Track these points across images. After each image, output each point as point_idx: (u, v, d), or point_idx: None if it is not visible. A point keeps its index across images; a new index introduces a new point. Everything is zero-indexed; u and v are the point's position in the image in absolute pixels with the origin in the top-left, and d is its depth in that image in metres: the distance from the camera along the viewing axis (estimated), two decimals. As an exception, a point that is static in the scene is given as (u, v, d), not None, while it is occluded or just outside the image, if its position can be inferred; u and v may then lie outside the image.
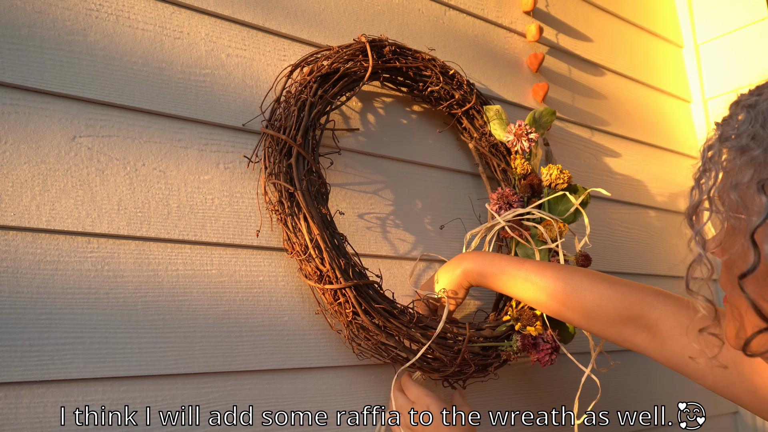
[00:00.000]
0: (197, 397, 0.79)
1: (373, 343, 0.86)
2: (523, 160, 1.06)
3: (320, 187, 0.87)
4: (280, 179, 0.85)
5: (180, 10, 0.87)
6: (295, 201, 0.84)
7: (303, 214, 0.83)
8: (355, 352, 0.89)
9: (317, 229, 0.82)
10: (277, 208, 0.85)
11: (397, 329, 0.85)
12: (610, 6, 1.55)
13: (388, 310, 0.85)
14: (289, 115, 0.87)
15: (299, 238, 0.84)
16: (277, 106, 0.90)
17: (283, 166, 0.85)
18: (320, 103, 0.89)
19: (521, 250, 1.02)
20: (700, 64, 1.70)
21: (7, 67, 0.72)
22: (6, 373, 0.67)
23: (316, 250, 0.82)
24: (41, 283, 0.71)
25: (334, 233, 0.85)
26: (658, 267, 1.45)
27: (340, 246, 0.84)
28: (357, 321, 0.85)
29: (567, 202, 1.04)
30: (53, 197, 0.73)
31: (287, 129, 0.86)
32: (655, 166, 1.54)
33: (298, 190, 0.83)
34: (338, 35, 1.02)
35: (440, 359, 0.88)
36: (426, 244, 1.04)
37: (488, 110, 1.10)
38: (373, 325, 0.84)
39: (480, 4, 1.25)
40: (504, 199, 1.03)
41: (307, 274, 0.85)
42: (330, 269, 0.82)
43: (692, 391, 1.45)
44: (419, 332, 0.86)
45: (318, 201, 0.85)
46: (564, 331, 0.98)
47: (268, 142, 0.87)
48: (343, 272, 0.82)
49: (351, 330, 0.86)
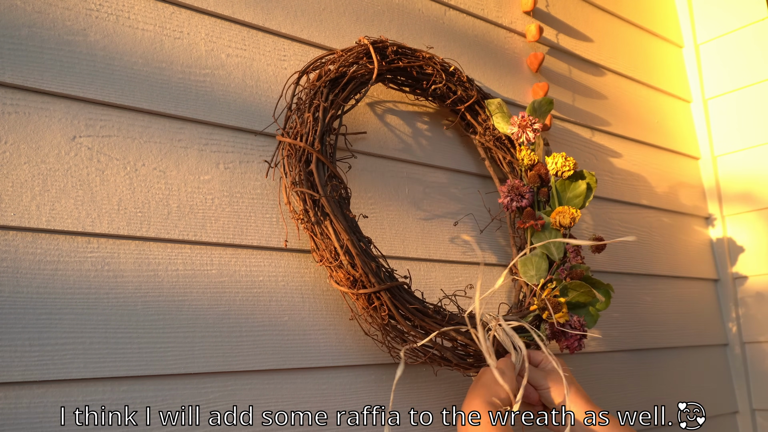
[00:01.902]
0: (197, 397, 0.79)
1: (408, 345, 0.86)
2: (529, 151, 1.07)
3: (342, 192, 0.86)
4: (303, 187, 0.84)
5: (180, 10, 0.87)
6: (320, 208, 0.84)
7: (330, 220, 0.83)
8: (391, 354, 0.89)
9: (346, 235, 0.82)
10: (302, 217, 0.85)
11: (431, 328, 0.85)
12: (610, 6, 1.55)
13: (422, 310, 0.85)
14: (304, 121, 0.87)
15: (327, 245, 0.83)
16: (290, 113, 0.90)
17: (304, 174, 0.85)
18: (333, 107, 0.89)
19: (536, 239, 1.02)
20: (700, 64, 1.70)
21: (7, 67, 0.72)
22: (6, 373, 0.67)
23: (347, 255, 0.82)
24: (41, 283, 0.71)
25: (360, 237, 0.85)
26: (658, 267, 1.45)
27: (367, 250, 0.84)
28: (393, 323, 0.85)
29: (575, 189, 1.04)
30: (53, 197, 0.73)
31: (304, 136, 0.86)
32: (655, 166, 1.54)
33: (323, 197, 0.83)
34: (338, 35, 1.02)
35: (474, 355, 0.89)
36: (435, 244, 1.04)
37: (490, 104, 1.10)
38: (410, 326, 0.85)
39: (480, 4, 1.25)
40: (515, 190, 1.03)
41: (339, 280, 0.84)
42: (362, 273, 0.82)
43: (692, 391, 1.45)
44: (453, 329, 0.87)
45: (342, 206, 0.85)
46: (588, 316, 0.98)
47: (286, 151, 0.87)
48: (375, 275, 0.82)
49: (387, 333, 0.86)
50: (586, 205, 1.05)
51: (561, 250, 1.01)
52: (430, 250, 1.04)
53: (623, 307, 1.35)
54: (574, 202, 1.05)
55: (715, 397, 1.51)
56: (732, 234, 1.60)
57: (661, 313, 1.43)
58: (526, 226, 1.01)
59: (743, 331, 1.56)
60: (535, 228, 1.01)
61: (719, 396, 1.52)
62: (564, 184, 1.05)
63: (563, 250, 1.01)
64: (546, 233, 1.02)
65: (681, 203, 1.57)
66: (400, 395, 0.95)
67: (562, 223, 1.00)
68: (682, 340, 1.46)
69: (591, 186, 1.05)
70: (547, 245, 1.01)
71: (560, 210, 1.01)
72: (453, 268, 1.07)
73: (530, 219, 1.01)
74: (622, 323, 1.33)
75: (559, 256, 1.01)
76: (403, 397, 0.95)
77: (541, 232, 1.02)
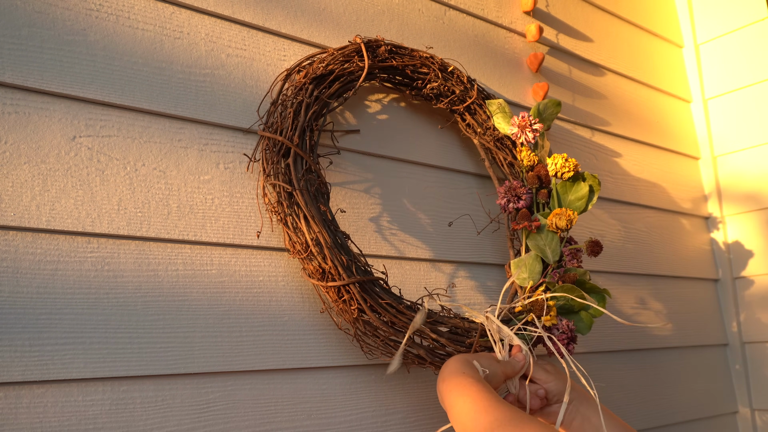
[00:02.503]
0: (197, 397, 0.79)
1: (381, 341, 0.86)
2: (530, 152, 1.06)
3: (320, 187, 0.86)
4: (279, 179, 0.85)
5: (180, 10, 0.87)
6: (294, 200, 0.84)
7: (303, 213, 0.83)
8: (363, 350, 0.88)
9: (317, 227, 0.82)
10: (276, 209, 0.85)
11: (405, 325, 0.84)
12: (610, 6, 1.55)
13: (395, 306, 0.84)
14: (286, 116, 0.88)
15: (299, 237, 0.83)
16: (274, 109, 0.90)
17: (281, 167, 0.85)
18: (317, 103, 0.89)
19: (532, 242, 1.01)
20: (700, 64, 1.70)
21: (7, 67, 0.72)
22: (6, 373, 0.67)
23: (317, 247, 0.82)
24: (41, 283, 0.71)
25: (336, 231, 0.84)
26: (658, 267, 1.45)
27: (343, 244, 0.84)
28: (363, 318, 0.84)
29: (577, 192, 1.03)
30: (53, 197, 0.73)
31: (284, 131, 0.86)
32: (655, 166, 1.54)
33: (297, 190, 0.83)
34: (338, 35, 1.02)
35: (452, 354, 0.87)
36: (432, 245, 1.04)
37: (491, 104, 1.10)
38: (380, 321, 0.84)
39: (480, 4, 1.25)
40: (512, 191, 1.02)
41: (310, 272, 0.85)
42: (332, 266, 0.81)
43: (692, 391, 1.45)
44: (428, 327, 0.86)
45: (318, 200, 0.85)
46: (579, 322, 0.97)
47: (266, 145, 0.87)
48: (345, 269, 0.82)
49: (357, 328, 0.85)
50: (589, 208, 1.04)
51: (556, 253, 1.00)
52: (431, 250, 1.04)
53: (623, 306, 1.35)
54: (575, 204, 1.03)
55: (715, 397, 1.51)
56: (732, 234, 1.60)
57: (661, 313, 1.43)
58: (519, 227, 1.01)
59: (743, 331, 1.56)
60: (529, 229, 1.00)
61: (719, 396, 1.52)
62: (566, 185, 1.04)
63: (559, 252, 1.00)
64: (542, 235, 1.00)
65: (681, 203, 1.57)
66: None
67: (558, 225, 0.99)
68: (682, 340, 1.46)
69: (594, 189, 1.03)
70: (542, 247, 1.00)
71: (558, 212, 1.00)
72: (452, 268, 1.07)
73: (525, 220, 1.00)
74: (621, 323, 1.33)
75: (554, 258, 1.00)
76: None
77: (536, 234, 1.00)
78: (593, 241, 0.99)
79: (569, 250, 1.00)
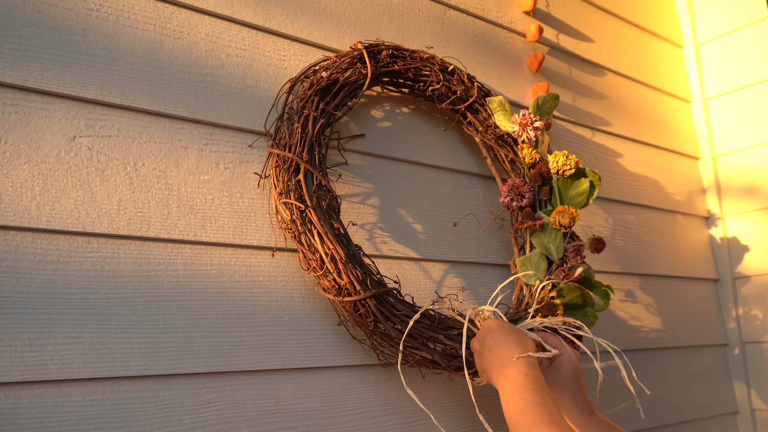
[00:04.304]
0: (197, 397, 0.79)
1: (397, 349, 0.87)
2: (531, 149, 1.06)
3: (331, 201, 0.87)
4: (291, 198, 0.85)
5: (180, 10, 0.87)
6: (307, 218, 0.84)
7: (316, 230, 0.83)
8: (380, 359, 0.90)
9: (331, 244, 0.82)
10: (290, 227, 0.86)
11: (420, 333, 0.86)
12: (610, 6, 1.55)
13: (410, 316, 0.85)
14: (293, 132, 0.87)
15: (314, 254, 0.84)
16: (281, 123, 0.90)
17: (292, 184, 0.85)
18: (323, 116, 0.90)
19: (536, 239, 1.02)
20: (700, 64, 1.70)
21: (7, 67, 0.72)
22: (6, 373, 0.67)
23: (332, 264, 0.83)
24: (41, 283, 0.71)
25: (349, 245, 0.85)
26: (658, 267, 1.45)
27: (356, 257, 0.85)
28: (379, 329, 0.86)
29: (577, 188, 1.04)
30: (53, 197, 0.73)
31: (293, 146, 0.86)
32: (655, 166, 1.54)
33: (310, 207, 0.83)
34: (338, 35, 1.02)
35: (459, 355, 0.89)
36: (437, 244, 1.04)
37: (491, 102, 1.10)
38: (396, 331, 0.85)
39: (480, 4, 1.25)
40: (515, 190, 1.03)
41: (326, 288, 0.85)
42: (348, 281, 0.82)
43: (692, 391, 1.45)
44: (442, 333, 0.87)
45: (330, 215, 0.85)
46: (584, 318, 0.98)
47: (275, 161, 0.87)
48: (361, 283, 0.83)
49: (374, 339, 0.87)
50: (590, 203, 1.05)
51: (560, 250, 1.01)
52: (431, 251, 1.04)
53: (623, 306, 1.35)
54: (576, 200, 1.04)
55: (715, 397, 1.51)
56: (732, 234, 1.60)
57: (661, 313, 1.43)
58: (524, 226, 1.01)
59: (743, 331, 1.56)
60: (533, 228, 1.01)
61: (719, 396, 1.52)
62: (566, 182, 1.05)
63: (563, 249, 1.01)
64: (546, 233, 1.01)
65: (681, 203, 1.57)
66: (392, 396, 0.95)
67: (561, 222, 1.00)
68: (682, 340, 1.46)
69: (594, 184, 1.04)
70: (546, 245, 1.01)
71: (560, 209, 1.00)
72: (455, 269, 1.07)
73: (528, 219, 1.01)
74: (621, 323, 1.33)
75: (558, 256, 1.01)
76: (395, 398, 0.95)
77: (540, 231, 1.01)
78: (596, 238, 1.00)
79: (573, 246, 1.01)
